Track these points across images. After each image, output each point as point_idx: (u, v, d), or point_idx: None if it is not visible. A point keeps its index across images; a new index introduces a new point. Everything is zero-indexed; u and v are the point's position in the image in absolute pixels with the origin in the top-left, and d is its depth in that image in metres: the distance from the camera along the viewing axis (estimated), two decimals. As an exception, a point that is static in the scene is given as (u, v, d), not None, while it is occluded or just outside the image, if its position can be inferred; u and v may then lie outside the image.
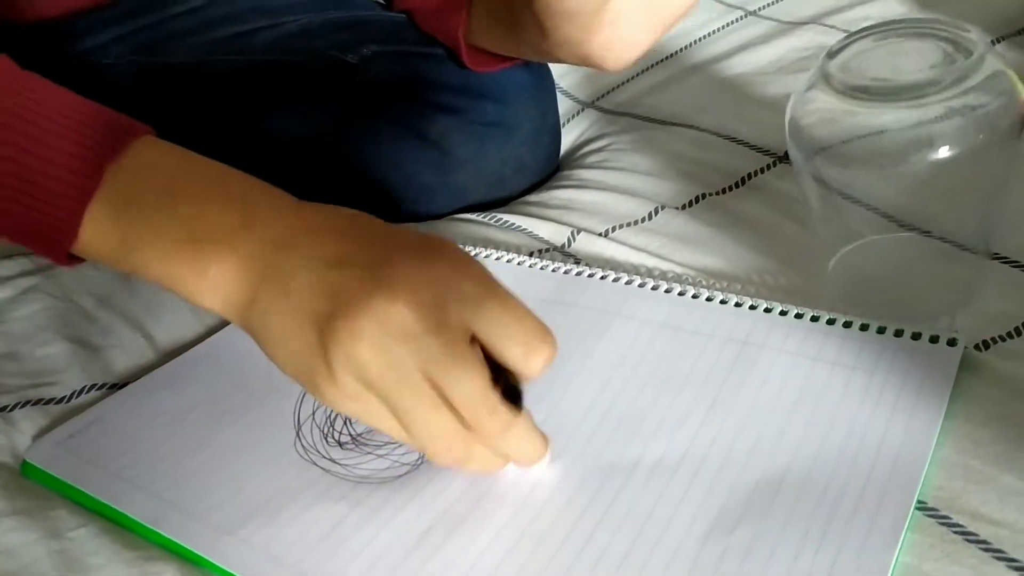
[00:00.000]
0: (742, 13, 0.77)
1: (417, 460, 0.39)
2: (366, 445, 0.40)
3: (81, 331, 0.50)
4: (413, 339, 0.31)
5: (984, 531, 0.33)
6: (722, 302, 0.45)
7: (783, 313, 0.43)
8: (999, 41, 0.65)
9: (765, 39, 0.72)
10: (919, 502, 0.34)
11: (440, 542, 0.35)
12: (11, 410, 0.43)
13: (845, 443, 0.37)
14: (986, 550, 0.33)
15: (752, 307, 0.44)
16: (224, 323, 0.49)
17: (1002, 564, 0.32)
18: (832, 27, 0.71)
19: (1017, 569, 0.32)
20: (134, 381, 0.46)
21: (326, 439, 0.41)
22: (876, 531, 0.33)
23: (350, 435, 0.41)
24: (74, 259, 0.37)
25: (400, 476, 0.38)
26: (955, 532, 0.33)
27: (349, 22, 0.65)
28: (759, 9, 0.77)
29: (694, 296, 0.46)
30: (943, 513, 0.34)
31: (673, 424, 0.39)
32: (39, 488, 0.39)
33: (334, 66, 0.61)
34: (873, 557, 0.32)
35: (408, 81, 0.60)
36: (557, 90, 0.69)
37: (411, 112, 0.60)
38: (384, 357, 0.31)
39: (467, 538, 0.35)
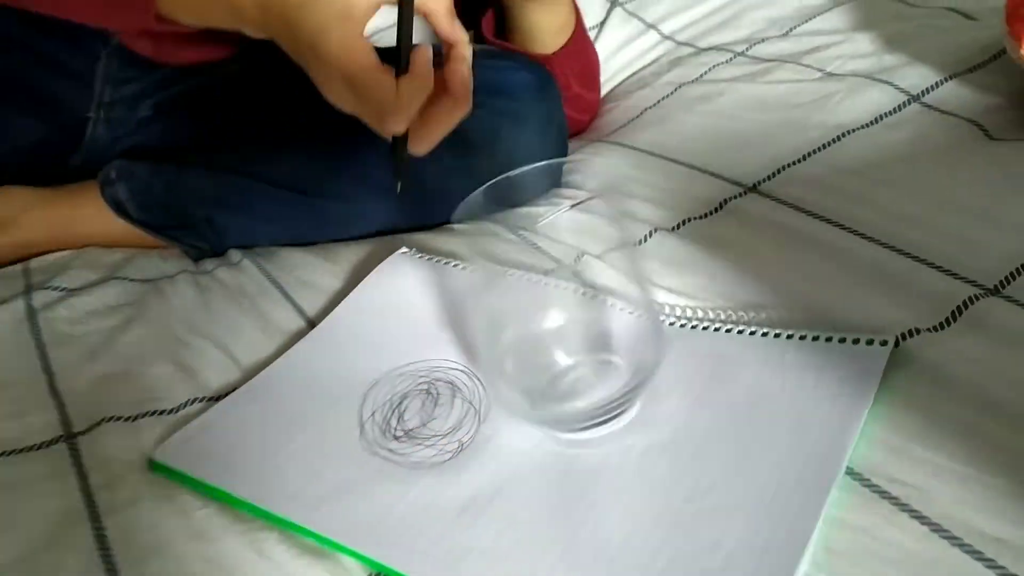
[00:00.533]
0: (731, 55, 0.87)
1: (457, 449, 0.49)
2: (416, 439, 0.51)
3: (178, 354, 0.61)
4: None
5: (896, 491, 0.43)
6: (704, 328, 0.55)
7: (752, 333, 0.53)
8: (951, 79, 0.74)
9: (747, 78, 0.82)
10: (848, 468, 0.44)
11: (474, 516, 0.45)
12: (135, 420, 0.54)
13: (795, 425, 0.47)
14: (895, 505, 0.42)
15: (728, 330, 0.54)
16: (290, 345, 0.60)
17: (906, 515, 0.42)
18: (808, 66, 0.81)
19: (918, 519, 0.42)
20: (226, 395, 0.56)
21: (384, 435, 0.51)
22: (812, 488, 0.43)
23: (403, 431, 0.51)
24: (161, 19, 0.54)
25: (444, 462, 0.49)
26: (873, 491, 0.43)
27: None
28: (746, 49, 0.88)
29: (681, 325, 0.56)
30: (865, 477, 0.44)
31: (665, 415, 0.49)
32: (165, 481, 0.49)
33: None
34: (809, 505, 0.42)
35: None
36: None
37: None
38: None
39: (497, 511, 0.45)
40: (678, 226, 0.65)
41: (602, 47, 0.96)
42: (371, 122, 0.53)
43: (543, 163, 0.56)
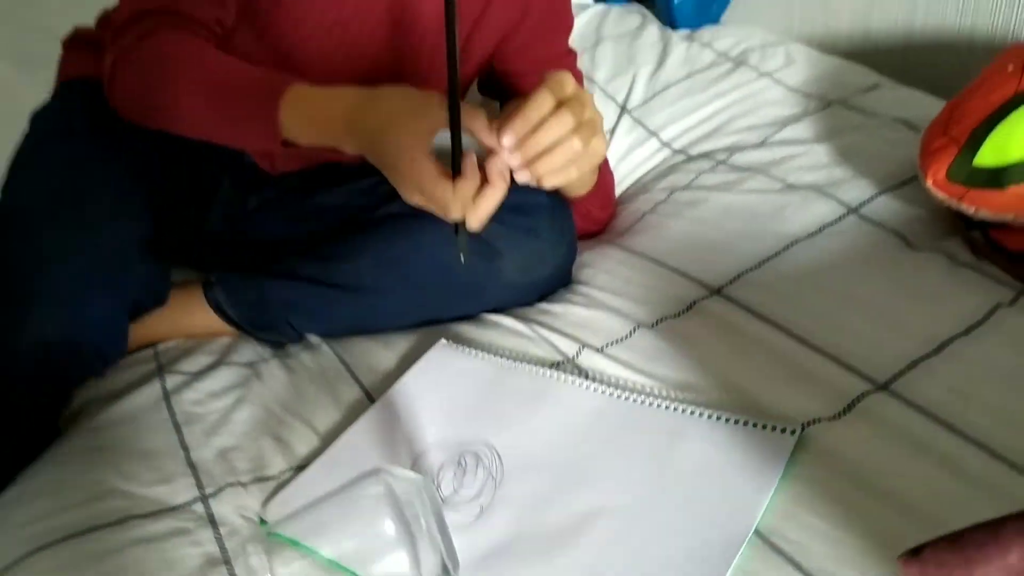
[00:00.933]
0: (715, 163, 1.05)
1: (478, 513, 0.68)
2: (448, 504, 0.70)
3: (275, 429, 0.81)
4: None
5: (786, 547, 0.61)
6: (658, 406, 0.73)
7: (692, 412, 0.71)
8: (885, 192, 0.91)
9: (725, 187, 1.00)
10: (756, 530, 0.62)
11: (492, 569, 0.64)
12: (247, 485, 0.74)
13: (719, 492, 0.65)
14: (784, 558, 0.60)
15: (675, 409, 0.72)
16: (356, 417, 0.79)
17: (791, 567, 0.60)
18: (774, 177, 0.98)
19: (800, 570, 0.59)
20: (310, 463, 0.76)
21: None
22: (728, 544, 0.61)
23: (441, 498, 0.70)
24: (287, 143, 0.74)
25: (468, 524, 0.68)
26: (769, 547, 0.61)
27: None
28: (727, 158, 1.05)
29: (640, 402, 0.74)
30: (765, 536, 0.62)
31: (615, 478, 0.67)
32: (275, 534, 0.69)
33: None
34: (723, 558, 0.60)
35: None
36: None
37: None
38: None
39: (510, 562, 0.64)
40: (656, 323, 0.83)
41: (612, 152, 1.14)
42: (437, 212, 0.71)
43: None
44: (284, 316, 0.91)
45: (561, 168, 0.69)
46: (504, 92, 1.00)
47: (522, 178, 0.70)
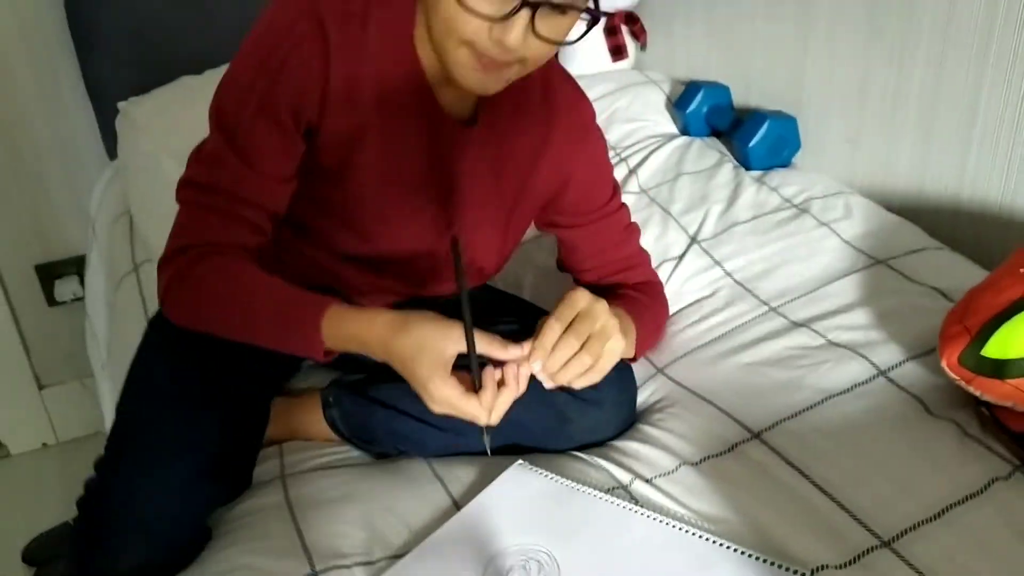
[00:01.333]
0: (767, 308, 1.19)
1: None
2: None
3: (375, 523, 0.97)
4: None
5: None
6: (700, 537, 0.87)
7: (728, 548, 0.85)
8: (912, 359, 1.04)
9: (775, 335, 1.13)
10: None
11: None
12: (349, 568, 0.91)
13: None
14: None
15: (714, 542, 0.86)
16: (443, 518, 0.95)
17: None
18: (817, 332, 1.12)
19: None
20: (400, 554, 0.92)
21: (496, 596, 0.86)
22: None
23: (507, 595, 0.86)
24: (328, 352, 0.89)
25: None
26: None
27: (516, 332, 1.08)
28: (778, 306, 1.19)
29: (687, 532, 0.88)
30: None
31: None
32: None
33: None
34: None
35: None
36: (646, 358, 1.14)
37: (540, 393, 0.95)
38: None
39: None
40: (700, 461, 0.98)
41: (678, 274, 1.29)
42: (464, 419, 0.87)
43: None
44: (389, 440, 1.08)
45: (579, 377, 0.86)
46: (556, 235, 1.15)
47: (550, 386, 0.88)
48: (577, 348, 0.85)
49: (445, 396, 0.85)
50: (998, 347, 0.88)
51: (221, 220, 0.94)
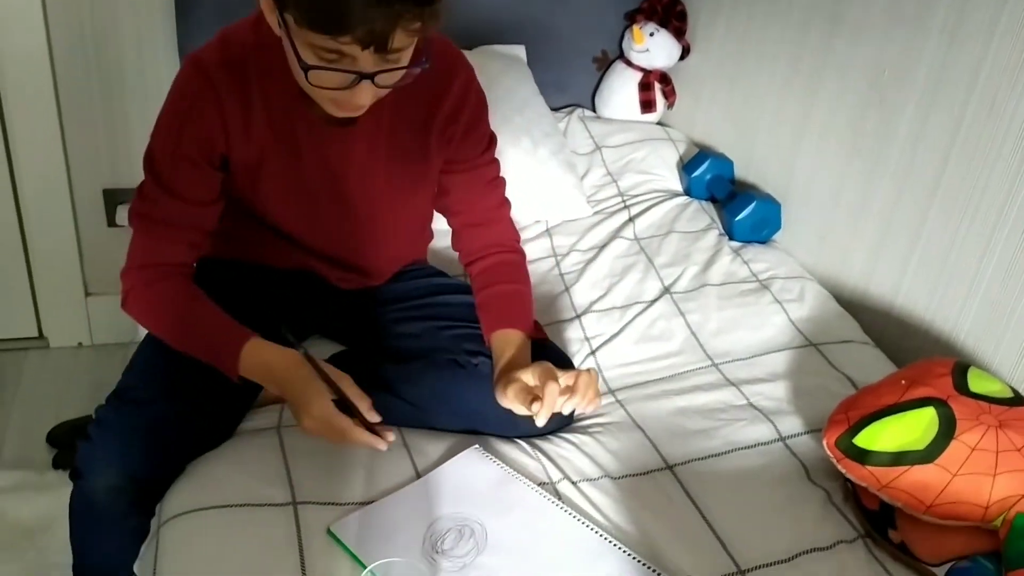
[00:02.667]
0: (709, 363, 1.41)
1: (462, 566, 1.06)
2: (446, 556, 1.08)
3: (348, 474, 1.20)
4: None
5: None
6: (600, 536, 1.10)
7: (621, 550, 1.08)
8: (809, 432, 1.26)
9: (710, 387, 1.35)
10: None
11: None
12: (324, 505, 1.14)
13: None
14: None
15: (611, 543, 1.09)
16: (404, 484, 1.18)
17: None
18: (744, 394, 1.34)
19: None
20: (367, 503, 1.15)
21: (433, 549, 1.08)
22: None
23: (442, 550, 1.08)
24: (242, 378, 1.15)
25: (455, 572, 1.06)
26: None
27: (479, 336, 1.31)
28: (719, 364, 1.41)
29: (592, 530, 1.11)
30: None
31: (551, 571, 1.05)
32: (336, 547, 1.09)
33: (460, 362, 1.30)
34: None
35: None
36: (602, 375, 1.37)
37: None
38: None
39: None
40: (619, 477, 1.20)
41: (647, 315, 1.51)
42: (333, 439, 1.12)
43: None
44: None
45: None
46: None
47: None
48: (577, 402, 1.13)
49: (323, 411, 1.10)
50: (866, 439, 1.10)
51: (162, 243, 1.21)
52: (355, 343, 1.42)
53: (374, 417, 1.13)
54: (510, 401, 1.17)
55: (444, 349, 1.33)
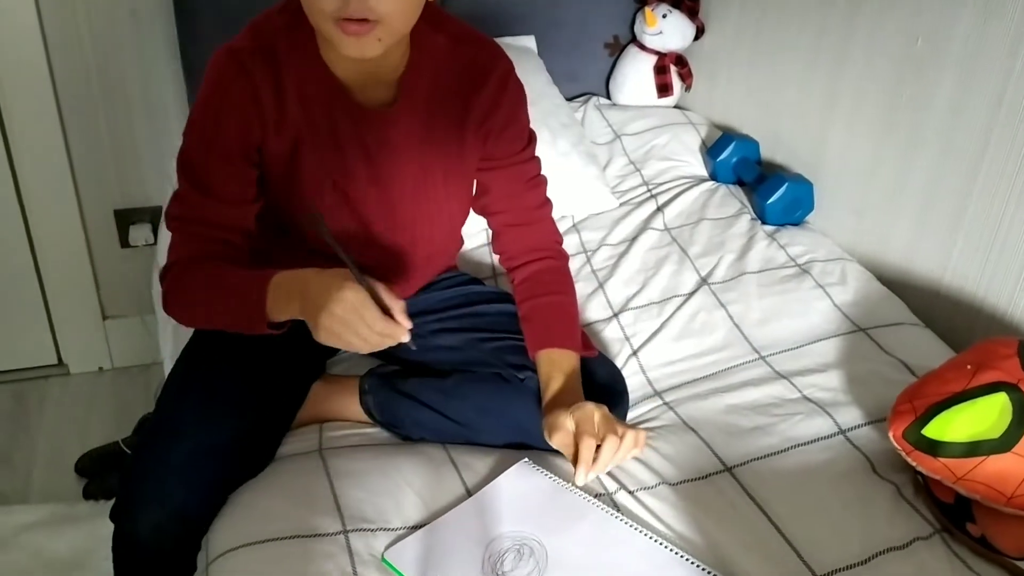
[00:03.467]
0: (756, 357, 1.37)
1: (525, 591, 1.02)
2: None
3: (398, 496, 1.16)
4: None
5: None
6: (665, 547, 1.06)
7: (689, 560, 1.04)
8: (869, 424, 1.21)
9: (760, 382, 1.31)
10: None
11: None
12: (374, 532, 1.10)
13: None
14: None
15: (677, 553, 1.05)
16: (454, 502, 1.14)
17: None
18: (796, 387, 1.29)
19: None
20: (417, 527, 1.11)
21: (492, 570, 1.05)
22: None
23: (502, 572, 1.05)
24: (271, 326, 1.08)
25: (518, 596, 1.02)
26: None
27: (522, 348, 1.27)
28: (767, 356, 1.37)
29: (655, 541, 1.07)
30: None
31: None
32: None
33: (505, 376, 1.26)
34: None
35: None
36: (642, 374, 1.33)
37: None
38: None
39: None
40: (678, 483, 1.16)
41: (686, 309, 1.47)
42: (352, 341, 1.02)
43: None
44: (414, 428, 1.26)
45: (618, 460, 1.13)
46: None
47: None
48: (616, 449, 1.10)
49: (357, 296, 1.00)
50: (936, 429, 1.06)
51: (200, 243, 1.16)
52: (391, 358, 1.37)
53: (406, 323, 1.04)
54: (556, 445, 1.14)
55: (486, 362, 1.29)
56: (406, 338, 1.04)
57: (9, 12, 1.74)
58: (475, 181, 1.30)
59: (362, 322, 1.01)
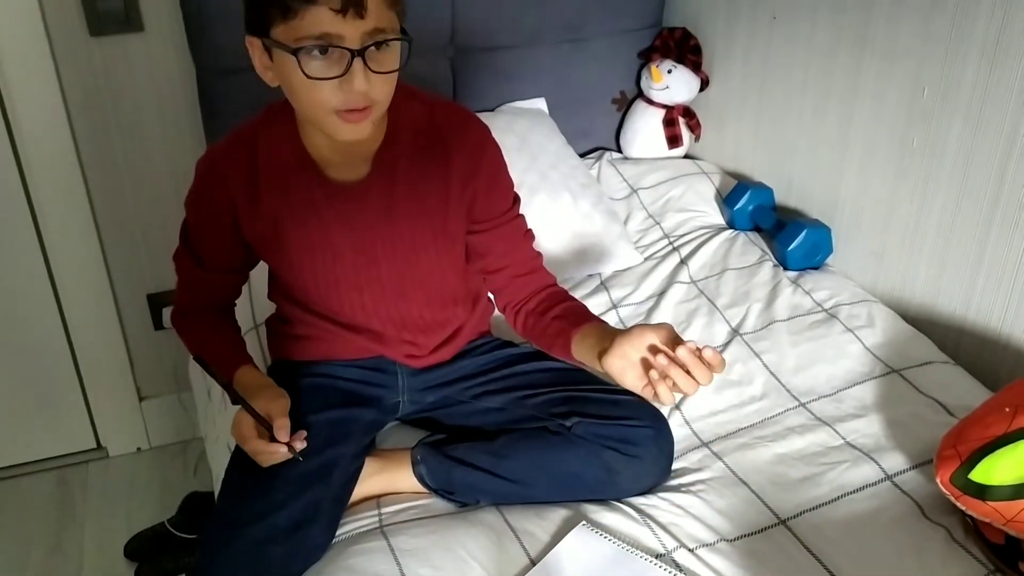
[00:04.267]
0: (798, 403, 1.41)
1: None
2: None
3: (462, 567, 1.20)
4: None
5: None
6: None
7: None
8: (915, 468, 1.25)
9: (803, 430, 1.35)
10: None
11: None
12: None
13: None
14: None
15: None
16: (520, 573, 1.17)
17: None
18: (839, 433, 1.34)
19: None
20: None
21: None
22: None
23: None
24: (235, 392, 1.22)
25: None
26: None
27: (568, 398, 1.32)
28: (807, 403, 1.41)
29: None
30: None
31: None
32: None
33: (551, 428, 1.30)
34: None
35: (593, 436, 1.26)
36: (687, 426, 1.37)
37: (592, 450, 1.26)
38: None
39: None
40: (735, 539, 1.20)
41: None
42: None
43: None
44: (469, 493, 1.30)
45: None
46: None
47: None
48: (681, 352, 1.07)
49: (237, 420, 1.20)
50: (983, 473, 1.10)
51: (195, 296, 1.38)
52: (437, 426, 1.42)
53: (282, 441, 1.18)
54: (629, 385, 1.13)
55: (531, 418, 1.33)
56: (286, 453, 1.18)
57: (38, 106, 1.79)
58: (469, 245, 1.34)
59: (244, 441, 1.20)
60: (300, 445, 1.19)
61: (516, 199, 1.35)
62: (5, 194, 1.87)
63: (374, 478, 1.34)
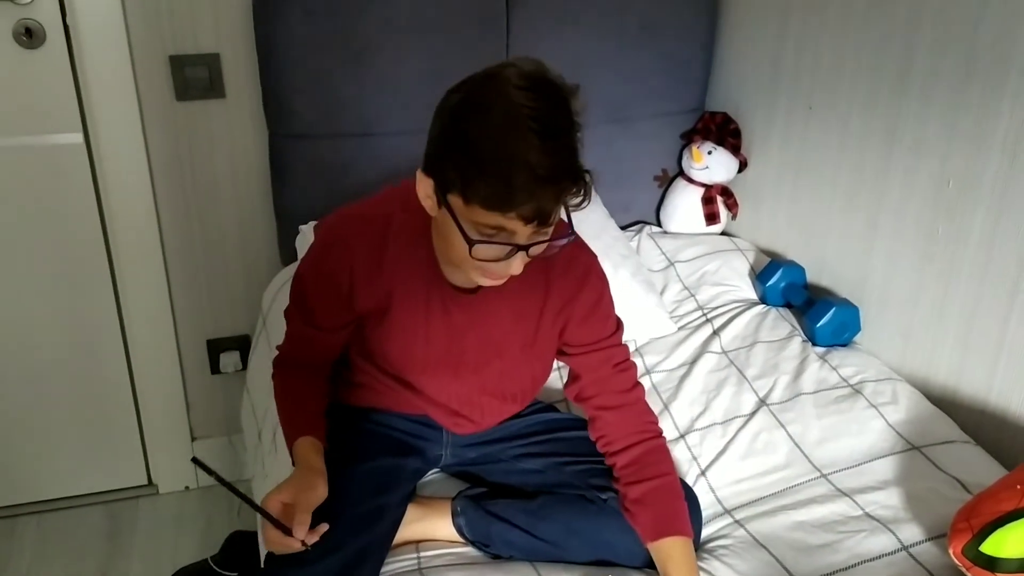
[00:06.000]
0: (818, 474, 1.48)
1: None
2: None
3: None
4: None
5: None
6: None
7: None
8: (931, 540, 1.31)
9: (824, 499, 1.42)
10: None
11: None
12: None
13: None
14: None
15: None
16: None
17: None
18: (859, 504, 1.40)
19: None
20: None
21: None
22: None
23: None
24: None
25: None
26: None
27: (606, 471, 1.40)
28: (829, 474, 1.47)
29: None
30: None
31: None
32: None
33: (589, 497, 1.37)
34: None
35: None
36: (711, 493, 1.43)
37: (626, 525, 1.32)
38: None
39: None
40: (754, 601, 1.26)
41: (748, 429, 1.58)
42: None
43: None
44: (504, 548, 1.38)
45: None
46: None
47: None
48: None
49: (269, 500, 1.20)
50: (993, 546, 1.16)
51: (300, 347, 1.40)
52: (476, 480, 1.50)
53: (299, 534, 1.19)
54: None
55: (570, 484, 1.40)
56: (299, 547, 1.20)
57: (125, 162, 1.96)
58: (566, 365, 1.42)
59: (265, 526, 1.21)
60: (313, 539, 1.20)
61: (617, 328, 1.40)
62: (87, 243, 2.02)
63: (415, 524, 1.42)
